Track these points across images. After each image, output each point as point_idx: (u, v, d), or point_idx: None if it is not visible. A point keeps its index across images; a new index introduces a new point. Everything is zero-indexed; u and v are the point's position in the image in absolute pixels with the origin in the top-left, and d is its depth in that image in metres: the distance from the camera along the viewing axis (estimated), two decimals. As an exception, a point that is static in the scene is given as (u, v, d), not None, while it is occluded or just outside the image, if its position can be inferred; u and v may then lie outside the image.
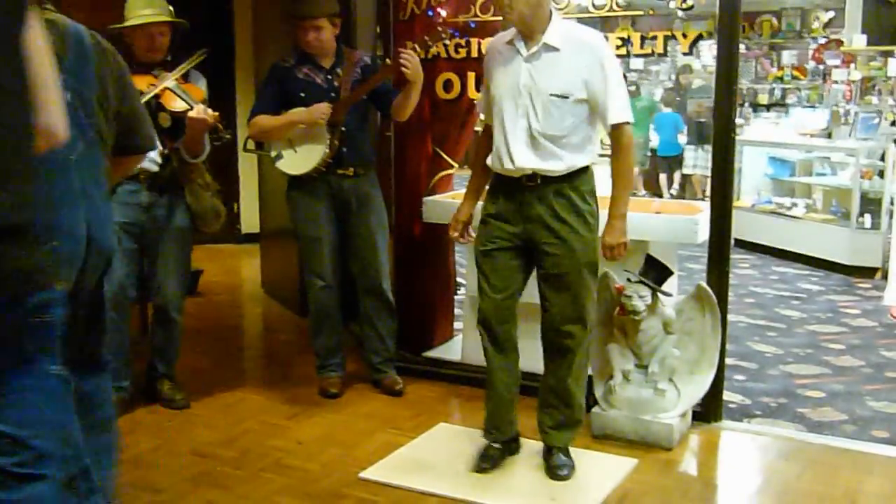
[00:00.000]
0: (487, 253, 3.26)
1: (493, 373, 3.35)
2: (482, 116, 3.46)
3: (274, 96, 4.04)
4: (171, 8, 3.85)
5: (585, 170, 3.19)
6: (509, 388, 3.36)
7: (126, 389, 3.93)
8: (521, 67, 3.13)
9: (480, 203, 3.40)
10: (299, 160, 4.00)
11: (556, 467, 3.31)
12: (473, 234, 3.45)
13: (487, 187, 3.36)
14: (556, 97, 3.08)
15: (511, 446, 3.46)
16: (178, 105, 3.72)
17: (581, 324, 3.23)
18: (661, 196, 10.62)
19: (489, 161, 3.28)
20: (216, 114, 3.72)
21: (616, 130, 3.15)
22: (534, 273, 3.29)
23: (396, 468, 3.37)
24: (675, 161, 11.05)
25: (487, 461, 3.36)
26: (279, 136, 4.02)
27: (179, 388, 4.09)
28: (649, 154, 11.32)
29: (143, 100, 3.67)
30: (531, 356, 3.42)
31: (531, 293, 3.31)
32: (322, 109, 3.90)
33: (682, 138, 10.91)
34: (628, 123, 3.16)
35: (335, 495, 3.17)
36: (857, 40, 9.20)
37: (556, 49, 3.10)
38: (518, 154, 3.13)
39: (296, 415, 3.95)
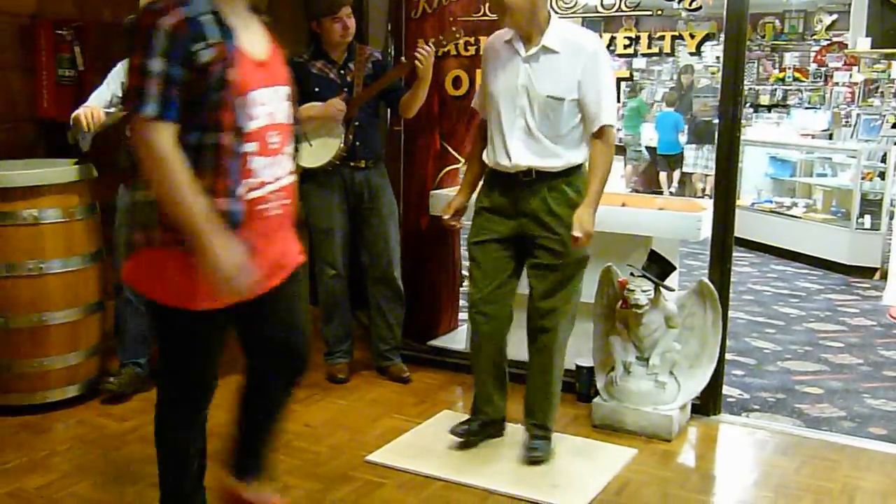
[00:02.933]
0: (480, 244, 3.31)
1: (477, 353, 3.41)
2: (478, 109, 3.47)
3: None
4: None
5: (580, 167, 3.23)
6: (488, 371, 3.41)
7: (144, 367, 4.02)
8: (519, 67, 3.16)
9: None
10: (314, 153, 4.07)
11: (528, 449, 3.40)
12: (465, 224, 3.48)
13: (483, 181, 3.40)
14: (552, 99, 3.12)
15: (492, 428, 3.51)
16: None
17: (564, 315, 3.27)
18: (661, 193, 10.69)
19: (485, 156, 3.32)
20: None
21: (602, 131, 3.17)
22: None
23: (402, 452, 3.45)
24: (675, 160, 11.11)
25: (464, 431, 3.43)
26: None
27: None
28: (641, 150, 11.40)
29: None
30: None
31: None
32: (338, 108, 3.98)
33: (683, 137, 10.97)
34: (613, 126, 3.20)
35: (343, 477, 3.24)
36: (862, 43, 9.24)
37: (555, 52, 3.13)
38: (515, 151, 3.17)
39: (304, 399, 4.01)
